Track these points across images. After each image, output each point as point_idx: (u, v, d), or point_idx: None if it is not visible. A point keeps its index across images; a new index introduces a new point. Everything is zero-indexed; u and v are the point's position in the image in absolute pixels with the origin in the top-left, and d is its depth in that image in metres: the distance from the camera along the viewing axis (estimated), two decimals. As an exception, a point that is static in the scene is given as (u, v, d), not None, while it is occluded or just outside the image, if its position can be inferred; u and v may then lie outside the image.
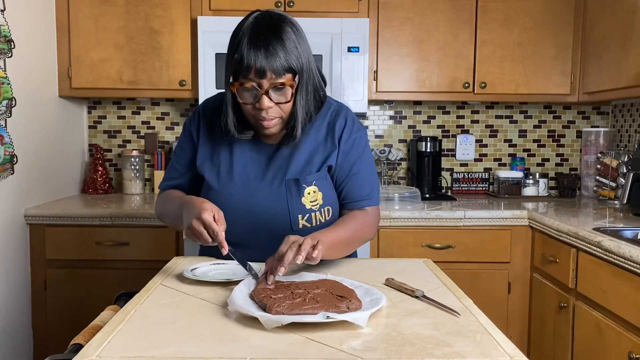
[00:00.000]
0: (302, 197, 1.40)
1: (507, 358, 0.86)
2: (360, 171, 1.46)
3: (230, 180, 1.42)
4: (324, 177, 1.44)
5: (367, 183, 1.48)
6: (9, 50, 2.24)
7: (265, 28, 1.28)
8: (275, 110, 1.32)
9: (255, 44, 1.25)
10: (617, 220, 2.27)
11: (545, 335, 2.34)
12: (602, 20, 2.58)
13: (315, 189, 1.41)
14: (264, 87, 1.27)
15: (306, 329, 0.96)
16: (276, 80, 1.27)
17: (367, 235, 1.47)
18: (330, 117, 1.47)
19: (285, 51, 1.27)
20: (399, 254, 2.46)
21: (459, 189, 3.16)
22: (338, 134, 1.45)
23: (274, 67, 1.25)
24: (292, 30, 1.31)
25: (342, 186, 1.46)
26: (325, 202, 1.43)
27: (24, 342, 2.42)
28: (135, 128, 3.10)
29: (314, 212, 1.41)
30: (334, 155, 1.44)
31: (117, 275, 2.42)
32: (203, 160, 1.46)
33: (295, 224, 1.40)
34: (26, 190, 2.43)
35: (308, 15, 2.66)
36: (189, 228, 1.26)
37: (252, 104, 1.31)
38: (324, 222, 1.43)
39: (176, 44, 2.69)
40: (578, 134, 3.17)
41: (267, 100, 1.28)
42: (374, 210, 1.50)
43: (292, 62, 1.28)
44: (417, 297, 1.15)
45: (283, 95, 1.30)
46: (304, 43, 1.34)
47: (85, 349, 0.89)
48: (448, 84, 2.77)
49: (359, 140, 1.47)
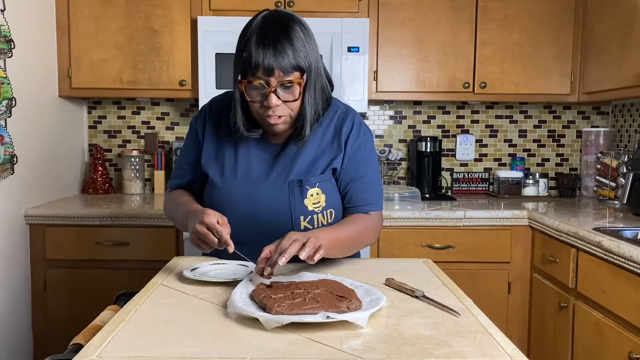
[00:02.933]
0: (305, 199, 1.40)
1: (507, 358, 0.86)
2: (365, 175, 1.46)
3: (234, 179, 1.43)
4: (328, 180, 1.43)
5: (371, 188, 1.47)
6: (9, 50, 2.24)
7: (273, 27, 1.28)
8: (282, 109, 1.32)
9: (264, 42, 1.26)
10: (617, 220, 2.27)
11: (545, 335, 2.34)
12: (602, 20, 2.58)
13: (319, 190, 1.41)
14: (272, 85, 1.28)
15: (306, 329, 0.96)
16: (284, 78, 1.27)
17: (369, 240, 1.47)
18: (337, 120, 1.46)
19: (294, 49, 1.27)
20: (399, 254, 2.46)
21: (459, 189, 3.16)
22: (345, 137, 1.44)
23: (282, 65, 1.26)
24: (300, 29, 1.31)
25: (346, 190, 1.46)
26: (328, 205, 1.43)
27: (24, 342, 2.42)
28: (135, 128, 3.10)
29: (316, 214, 1.41)
30: (339, 158, 1.43)
31: (117, 275, 2.42)
32: (208, 159, 1.47)
33: (297, 225, 1.40)
34: (26, 190, 2.43)
35: (308, 15, 2.65)
36: (193, 233, 1.27)
37: (260, 102, 1.31)
38: (326, 225, 1.43)
39: (176, 43, 2.69)
40: (578, 134, 3.17)
41: (275, 98, 1.29)
42: (377, 215, 1.49)
43: (300, 61, 1.29)
44: (417, 297, 1.15)
45: (291, 94, 1.31)
46: (312, 42, 1.35)
47: (85, 349, 0.89)
48: (448, 84, 2.77)
49: (365, 144, 1.47)
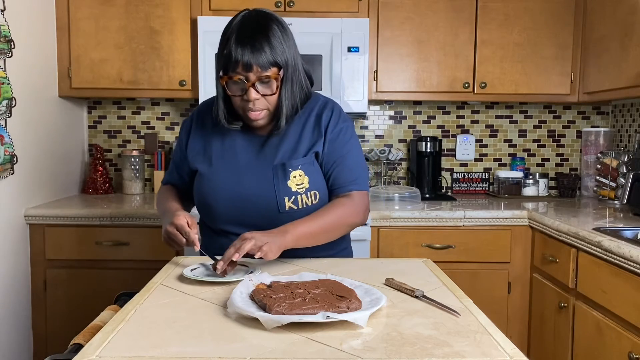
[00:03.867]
0: (288, 180, 1.46)
1: (507, 358, 0.86)
2: (346, 157, 1.52)
3: (220, 167, 1.50)
4: (311, 163, 1.49)
5: (353, 168, 1.52)
6: (9, 50, 2.24)
7: (252, 26, 1.37)
8: (262, 102, 1.40)
9: (243, 40, 1.35)
10: (617, 220, 2.27)
11: (545, 335, 2.34)
12: (602, 20, 2.58)
13: (302, 172, 1.47)
14: (251, 79, 1.36)
15: (306, 329, 0.96)
16: (262, 73, 1.36)
17: (352, 221, 1.50)
18: (318, 109, 1.54)
19: (271, 47, 1.36)
20: (399, 254, 2.46)
21: (459, 189, 3.16)
22: (325, 124, 1.51)
23: (259, 61, 1.35)
24: (277, 28, 1.39)
25: (330, 172, 1.51)
26: (312, 187, 1.48)
27: (24, 342, 2.42)
28: (135, 128, 3.11)
29: (300, 195, 1.46)
30: (320, 143, 1.50)
31: (117, 275, 2.42)
32: (195, 155, 1.55)
33: (281, 206, 1.45)
34: (26, 190, 2.43)
35: (308, 15, 2.66)
36: (164, 232, 1.42)
37: (240, 96, 1.40)
38: (311, 206, 1.48)
39: (176, 44, 2.69)
40: (578, 134, 3.17)
41: (254, 92, 1.38)
42: (361, 195, 1.52)
43: (277, 57, 1.37)
44: (417, 297, 1.15)
45: (269, 88, 1.39)
46: (289, 40, 1.42)
47: (85, 349, 0.89)
48: (448, 84, 2.77)
49: (345, 130, 1.53)
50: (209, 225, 1.56)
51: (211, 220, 1.54)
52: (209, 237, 1.56)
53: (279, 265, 1.40)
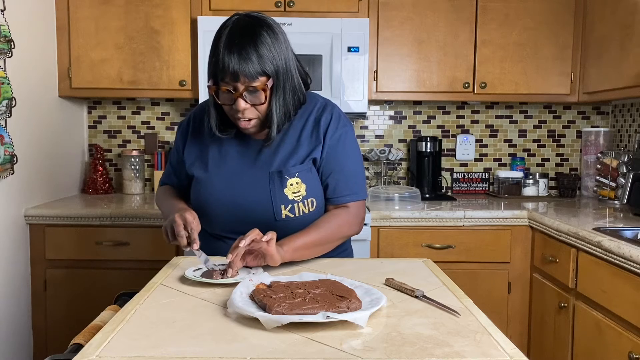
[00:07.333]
0: (285, 188, 1.43)
1: (507, 358, 0.86)
2: (345, 167, 1.49)
3: (217, 173, 1.48)
4: (308, 170, 1.46)
5: (351, 177, 1.50)
6: (9, 50, 2.24)
7: (240, 33, 1.32)
8: (251, 112, 1.37)
9: (230, 49, 1.30)
10: (617, 220, 2.27)
11: (545, 335, 2.34)
12: (602, 20, 2.58)
13: (299, 180, 1.44)
14: (239, 89, 1.32)
15: (306, 329, 0.96)
16: (250, 83, 1.32)
17: (347, 233, 1.50)
18: (317, 112, 1.50)
19: (259, 55, 1.31)
20: (399, 254, 2.46)
21: (459, 189, 3.16)
22: (323, 129, 1.48)
23: (246, 71, 1.30)
24: (267, 34, 1.33)
25: (327, 181, 1.49)
26: (309, 194, 1.46)
27: (24, 342, 2.42)
28: (135, 128, 3.10)
29: (297, 203, 1.44)
30: (318, 149, 1.47)
31: (117, 275, 2.42)
32: (192, 161, 1.53)
33: (278, 214, 1.44)
34: (26, 190, 2.43)
35: (308, 15, 2.66)
36: (170, 220, 1.39)
37: (229, 105, 1.36)
38: (308, 214, 1.46)
39: (176, 44, 2.69)
40: (578, 134, 3.17)
41: (243, 102, 1.34)
42: (358, 206, 1.51)
43: (265, 66, 1.32)
44: (417, 297, 1.15)
45: (257, 98, 1.35)
46: (280, 45, 1.36)
47: (85, 349, 0.89)
48: (448, 84, 2.77)
49: (345, 135, 1.50)
50: (205, 229, 1.55)
51: (208, 225, 1.52)
52: (206, 239, 1.54)
53: (279, 266, 1.40)
